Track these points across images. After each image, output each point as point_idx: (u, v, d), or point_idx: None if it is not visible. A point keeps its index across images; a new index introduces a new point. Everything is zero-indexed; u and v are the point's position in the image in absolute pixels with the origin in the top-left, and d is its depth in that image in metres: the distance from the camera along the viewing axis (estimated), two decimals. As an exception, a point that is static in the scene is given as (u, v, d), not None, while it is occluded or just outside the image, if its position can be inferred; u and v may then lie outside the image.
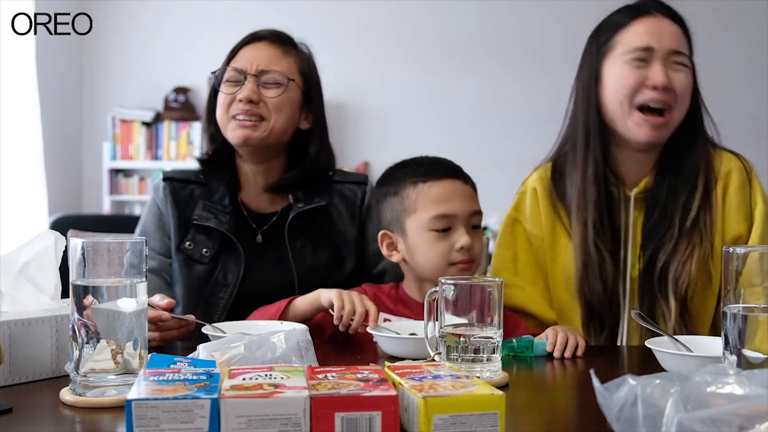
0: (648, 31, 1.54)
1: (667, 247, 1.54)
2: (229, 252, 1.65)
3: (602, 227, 1.57)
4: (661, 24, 1.55)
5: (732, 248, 0.97)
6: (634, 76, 1.53)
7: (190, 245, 1.65)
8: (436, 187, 1.49)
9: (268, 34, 1.70)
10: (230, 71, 1.66)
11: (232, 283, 1.63)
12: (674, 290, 1.52)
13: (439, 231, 1.47)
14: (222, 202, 1.68)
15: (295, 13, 4.85)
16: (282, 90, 1.64)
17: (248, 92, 1.62)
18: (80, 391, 0.99)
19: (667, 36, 1.54)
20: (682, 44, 1.55)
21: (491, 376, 1.10)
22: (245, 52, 1.68)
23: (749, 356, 0.93)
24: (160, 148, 4.94)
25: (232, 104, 1.64)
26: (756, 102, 4.54)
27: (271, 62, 1.66)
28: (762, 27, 4.61)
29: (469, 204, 1.50)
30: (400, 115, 4.94)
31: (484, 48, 4.97)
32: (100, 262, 1.01)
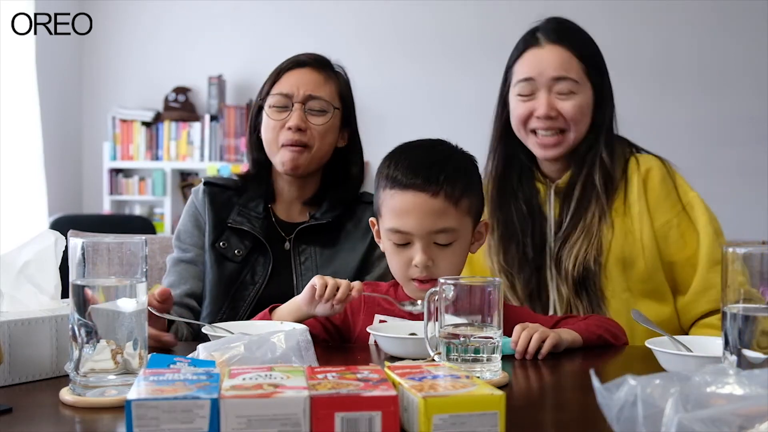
0: (531, 62, 1.68)
1: (561, 235, 1.68)
2: (259, 254, 1.74)
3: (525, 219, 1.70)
4: (547, 54, 1.66)
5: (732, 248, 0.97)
6: (522, 107, 1.68)
7: (224, 245, 1.74)
8: (397, 198, 1.38)
9: (310, 59, 1.77)
10: (276, 96, 1.73)
11: (258, 282, 1.71)
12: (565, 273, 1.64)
13: (396, 244, 1.40)
14: (256, 209, 1.77)
15: (295, 13, 4.85)
16: (327, 118, 1.73)
17: (297, 120, 1.70)
18: (80, 391, 0.99)
19: (549, 65, 1.65)
20: (570, 68, 1.65)
21: (491, 376, 1.10)
22: (289, 77, 1.74)
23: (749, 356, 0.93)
24: (160, 148, 4.94)
25: (281, 131, 1.71)
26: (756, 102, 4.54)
27: (316, 88, 1.73)
28: (762, 27, 4.61)
29: (430, 222, 1.36)
30: (400, 115, 4.94)
31: (484, 48, 4.96)
32: (100, 262, 1.01)
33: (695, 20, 4.77)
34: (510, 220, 1.71)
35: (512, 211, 1.71)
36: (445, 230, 1.37)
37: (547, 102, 1.64)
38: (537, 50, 1.68)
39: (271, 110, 1.74)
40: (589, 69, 1.67)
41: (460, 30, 4.96)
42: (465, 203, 1.40)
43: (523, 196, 1.72)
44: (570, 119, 1.65)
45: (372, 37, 4.96)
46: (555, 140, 1.66)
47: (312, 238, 1.75)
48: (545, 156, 1.68)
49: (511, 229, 1.70)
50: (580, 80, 1.66)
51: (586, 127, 1.68)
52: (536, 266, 1.69)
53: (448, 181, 1.37)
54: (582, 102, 1.66)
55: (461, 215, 1.39)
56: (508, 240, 1.70)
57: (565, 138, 1.67)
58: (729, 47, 4.60)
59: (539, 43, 1.68)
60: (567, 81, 1.64)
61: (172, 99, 4.92)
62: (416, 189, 1.37)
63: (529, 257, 1.69)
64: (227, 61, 4.82)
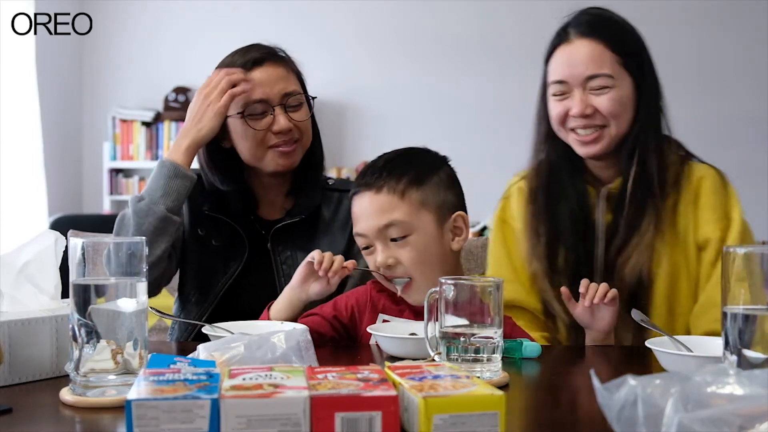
0: (561, 63, 1.59)
1: (615, 243, 1.59)
2: (237, 246, 1.70)
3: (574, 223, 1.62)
4: (576, 50, 1.57)
5: (732, 248, 0.97)
6: (558, 108, 1.60)
7: (203, 231, 1.72)
8: (353, 204, 1.46)
9: (264, 54, 1.68)
10: (252, 104, 1.64)
11: (230, 272, 1.68)
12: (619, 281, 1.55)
13: (363, 249, 1.45)
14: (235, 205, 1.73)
15: (295, 13, 4.85)
16: (306, 110, 1.69)
17: (284, 123, 1.64)
18: (80, 391, 0.99)
19: (580, 63, 1.56)
20: (602, 62, 1.55)
21: (491, 376, 1.10)
22: (254, 78, 1.65)
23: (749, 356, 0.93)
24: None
25: (267, 135, 1.65)
26: (756, 102, 4.54)
27: (286, 84, 1.67)
28: (762, 27, 4.61)
29: (377, 218, 1.39)
30: (400, 115, 4.94)
31: (484, 48, 4.97)
32: (100, 262, 1.01)
33: (695, 20, 4.77)
34: (558, 224, 1.62)
35: (560, 215, 1.62)
36: (393, 223, 1.39)
37: (581, 100, 1.56)
38: (567, 47, 1.59)
39: (251, 119, 1.64)
40: (626, 60, 1.57)
41: (460, 30, 4.96)
42: (415, 196, 1.40)
43: (572, 200, 1.63)
44: (607, 114, 1.55)
45: (372, 37, 4.96)
46: (594, 136, 1.57)
47: (289, 237, 1.70)
48: (587, 154, 1.59)
49: (558, 234, 1.62)
50: (616, 74, 1.56)
51: (627, 122, 1.58)
52: (584, 274, 1.58)
53: (391, 175, 1.40)
54: (620, 95, 1.56)
55: (412, 208, 1.40)
56: (555, 245, 1.61)
57: (605, 133, 1.57)
58: (729, 47, 4.60)
59: (569, 39, 1.59)
60: (600, 77, 1.55)
61: (172, 99, 4.92)
62: (364, 189, 1.42)
63: (577, 264, 1.60)
64: (227, 61, 4.81)
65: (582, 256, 1.60)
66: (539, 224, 1.63)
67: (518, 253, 1.67)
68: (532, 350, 1.30)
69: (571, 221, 1.62)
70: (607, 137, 1.57)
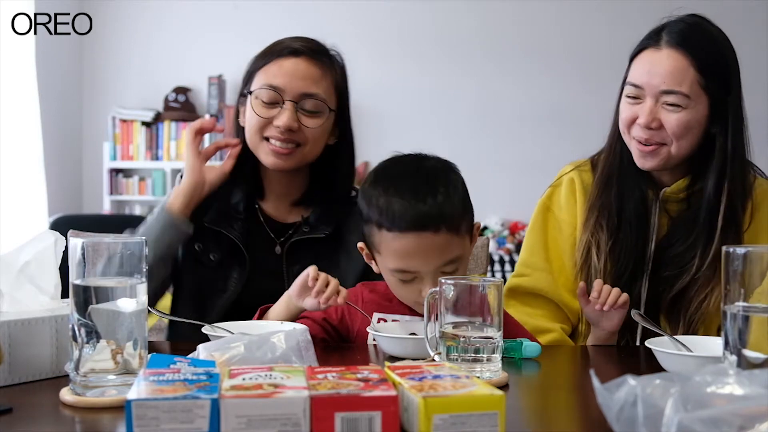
0: (644, 68, 1.54)
1: (684, 278, 1.55)
2: (236, 260, 1.61)
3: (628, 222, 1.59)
4: (661, 60, 1.52)
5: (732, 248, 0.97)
6: (628, 111, 1.56)
7: (200, 247, 1.62)
8: (398, 241, 1.33)
9: (306, 48, 1.57)
10: (265, 89, 1.54)
11: (230, 290, 1.59)
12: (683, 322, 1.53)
13: (402, 281, 1.37)
14: (237, 208, 1.64)
15: (294, 13, 4.85)
16: (322, 119, 1.56)
17: (289, 120, 1.52)
18: (80, 391, 0.99)
19: (661, 74, 1.51)
20: (683, 80, 1.50)
21: (491, 376, 1.10)
22: (282, 66, 1.55)
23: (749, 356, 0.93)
24: (160, 148, 4.94)
25: (267, 127, 1.55)
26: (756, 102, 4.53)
27: (312, 85, 1.55)
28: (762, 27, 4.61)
29: (437, 258, 1.33)
30: (400, 115, 4.94)
31: (484, 48, 4.97)
32: (100, 262, 1.01)
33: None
34: (622, 220, 1.60)
35: (626, 211, 1.60)
36: (452, 261, 1.35)
37: (650, 111, 1.52)
38: (654, 52, 1.53)
39: (257, 103, 1.55)
40: (708, 82, 1.52)
41: (460, 30, 4.96)
42: (464, 226, 1.38)
43: (636, 197, 1.60)
44: (671, 133, 1.52)
45: (372, 37, 4.96)
46: (651, 149, 1.54)
47: (307, 248, 1.61)
48: (642, 166, 1.57)
49: (620, 230, 1.59)
50: (693, 94, 1.51)
51: (690, 144, 1.54)
52: (633, 273, 1.59)
53: (445, 214, 1.34)
54: (690, 118, 1.51)
55: (463, 239, 1.38)
56: (617, 240, 1.59)
57: (663, 151, 1.54)
58: (729, 47, 4.60)
59: (659, 45, 1.53)
60: (676, 95, 1.50)
61: (172, 99, 4.92)
62: (417, 230, 1.32)
63: (627, 261, 1.58)
64: (227, 61, 4.81)
65: (634, 255, 1.59)
66: (603, 217, 1.60)
67: (556, 242, 1.67)
68: (532, 350, 1.30)
69: (634, 218, 1.60)
70: (665, 155, 1.54)
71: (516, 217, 4.71)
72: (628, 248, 1.58)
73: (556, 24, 4.92)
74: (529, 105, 4.89)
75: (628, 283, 1.56)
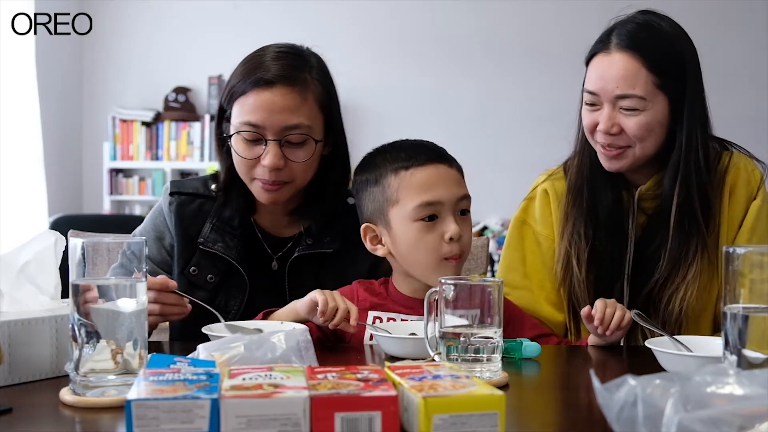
0: (596, 73, 1.53)
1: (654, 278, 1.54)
2: (234, 280, 1.56)
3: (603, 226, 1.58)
4: (611, 64, 1.51)
5: (732, 248, 0.97)
6: (588, 118, 1.56)
7: (195, 271, 1.56)
8: (420, 173, 1.40)
9: (277, 77, 1.48)
10: (246, 129, 1.48)
11: (232, 311, 1.55)
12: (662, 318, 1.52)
13: (425, 220, 1.39)
14: (231, 223, 1.58)
15: (294, 13, 4.85)
16: (310, 151, 1.50)
17: (274, 159, 1.46)
18: (80, 391, 0.99)
19: (614, 79, 1.50)
20: (636, 82, 1.49)
21: (491, 376, 1.10)
22: (257, 100, 1.47)
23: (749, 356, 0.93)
24: (160, 148, 4.94)
25: (255, 167, 1.50)
26: (756, 102, 4.54)
27: (292, 116, 1.47)
28: (762, 27, 4.61)
29: (456, 189, 1.42)
30: (400, 115, 4.94)
31: (484, 48, 4.97)
32: (100, 262, 1.01)
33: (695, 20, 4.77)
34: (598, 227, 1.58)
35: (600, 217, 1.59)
36: (467, 196, 1.44)
37: (608, 117, 1.51)
38: (604, 57, 1.52)
39: (239, 141, 1.49)
40: (664, 81, 1.50)
41: (460, 30, 4.96)
42: None
43: (609, 201, 1.59)
44: (632, 136, 1.51)
45: (372, 37, 4.96)
46: (616, 153, 1.53)
47: (309, 263, 1.57)
48: (610, 168, 1.56)
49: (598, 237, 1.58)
50: (648, 95, 1.49)
51: (654, 144, 1.53)
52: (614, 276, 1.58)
53: (450, 157, 1.46)
54: (649, 119, 1.50)
55: None
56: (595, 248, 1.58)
57: (629, 153, 1.53)
58: (729, 47, 4.60)
59: (608, 49, 1.52)
60: (631, 99, 1.49)
61: (172, 99, 4.92)
62: (436, 161, 1.43)
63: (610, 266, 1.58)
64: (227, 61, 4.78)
65: (613, 259, 1.58)
66: (580, 225, 1.59)
67: (535, 256, 1.65)
68: (532, 350, 1.30)
69: (609, 222, 1.59)
70: (631, 157, 1.54)
71: (516, 217, 4.72)
72: (606, 253, 1.57)
73: (556, 24, 4.92)
74: (529, 105, 4.89)
75: (609, 287, 1.56)
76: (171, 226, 1.60)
